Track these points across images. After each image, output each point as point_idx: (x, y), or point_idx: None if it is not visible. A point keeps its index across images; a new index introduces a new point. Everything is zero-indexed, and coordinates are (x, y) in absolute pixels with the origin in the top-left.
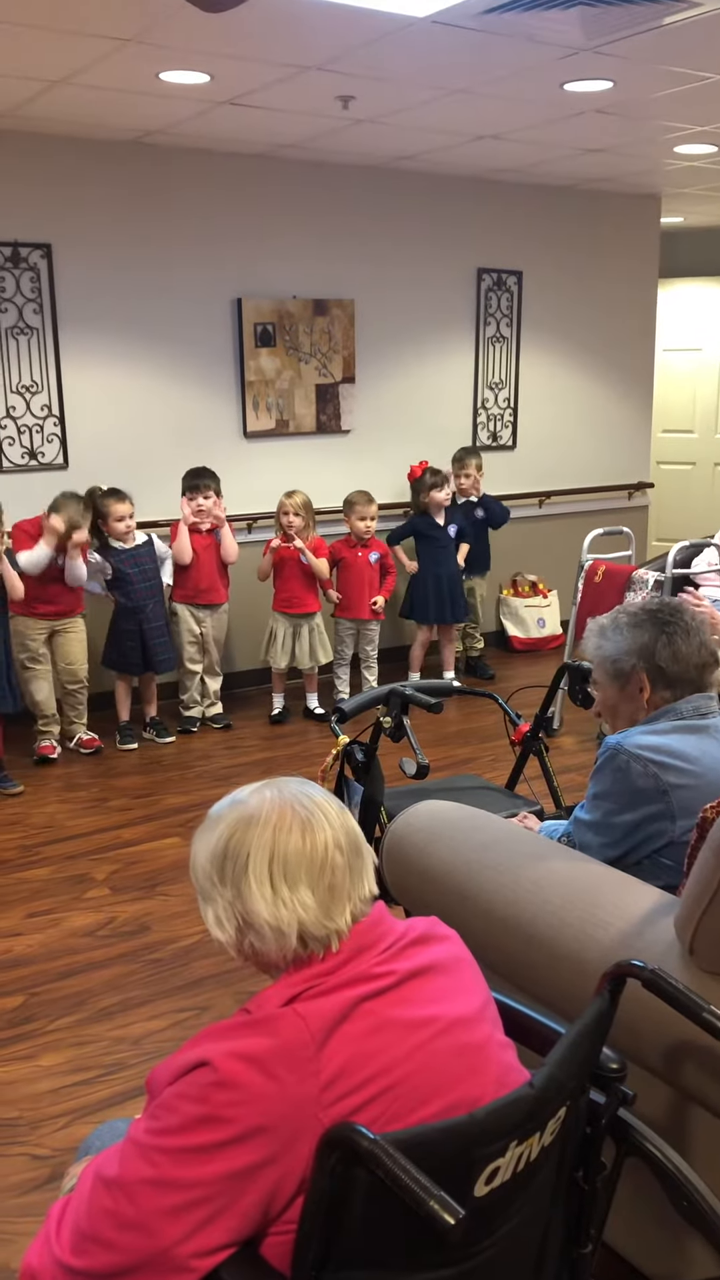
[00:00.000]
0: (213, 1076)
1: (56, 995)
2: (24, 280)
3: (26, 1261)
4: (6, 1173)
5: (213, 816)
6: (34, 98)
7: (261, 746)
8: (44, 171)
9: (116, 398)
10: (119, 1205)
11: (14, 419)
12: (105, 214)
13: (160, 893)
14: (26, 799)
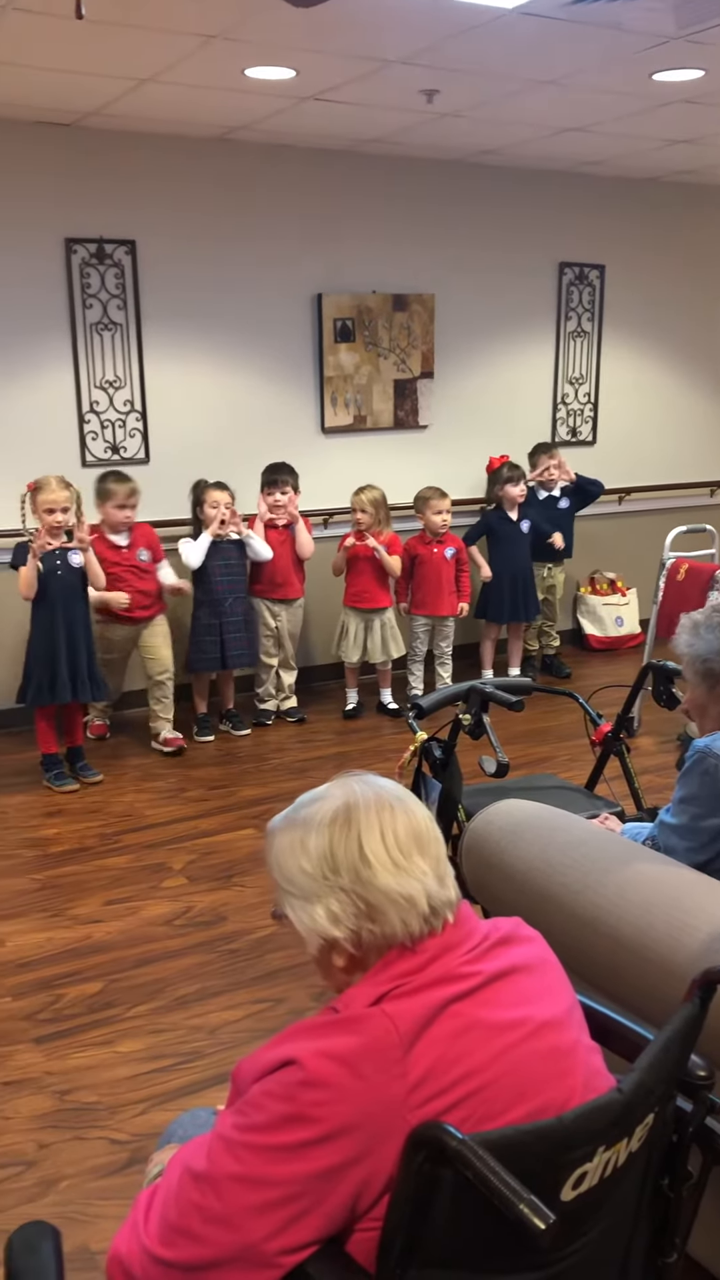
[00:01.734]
0: (300, 1075)
1: (134, 983)
2: (109, 276)
3: (115, 1248)
4: (86, 1156)
5: (297, 819)
6: (122, 95)
7: (335, 741)
8: (129, 168)
9: (197, 393)
10: (207, 1200)
11: (98, 414)
12: (188, 210)
13: (236, 883)
14: (106, 788)
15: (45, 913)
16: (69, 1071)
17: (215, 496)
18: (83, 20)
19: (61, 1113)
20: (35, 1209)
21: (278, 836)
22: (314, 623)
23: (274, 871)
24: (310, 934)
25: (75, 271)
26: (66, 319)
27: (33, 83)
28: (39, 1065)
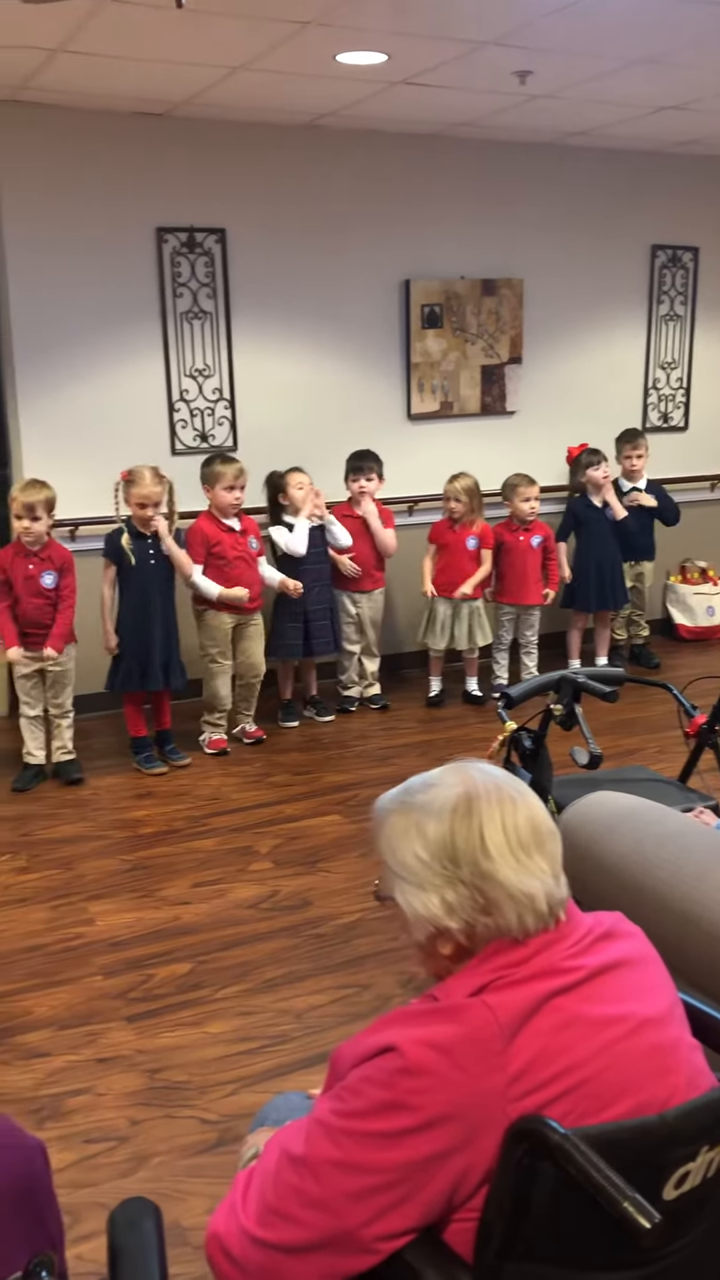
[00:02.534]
0: (400, 1063)
1: (222, 964)
2: (199, 265)
3: (213, 1226)
4: (177, 1134)
5: (413, 804)
6: (214, 84)
7: (419, 729)
8: (219, 157)
9: (284, 381)
10: (304, 1183)
11: (187, 402)
12: (277, 198)
13: (321, 869)
14: (193, 771)
15: (135, 893)
16: (159, 1050)
17: (299, 479)
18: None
19: (152, 1090)
20: (128, 1184)
21: (390, 819)
22: (398, 610)
23: (385, 855)
24: (420, 921)
25: (166, 260)
26: (157, 308)
27: (128, 74)
28: (130, 1043)
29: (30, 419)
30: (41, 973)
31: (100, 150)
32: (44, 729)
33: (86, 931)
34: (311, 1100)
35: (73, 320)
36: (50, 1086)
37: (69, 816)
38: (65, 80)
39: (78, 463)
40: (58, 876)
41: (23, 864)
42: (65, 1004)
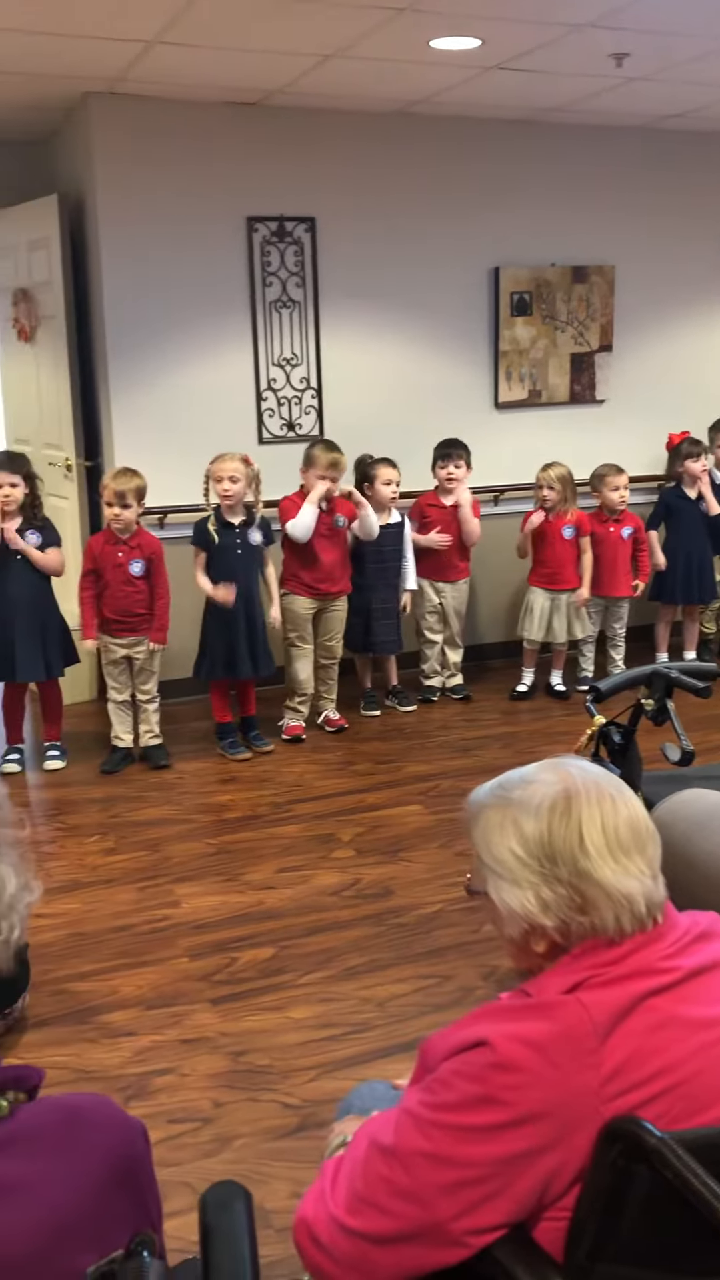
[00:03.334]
0: (492, 1057)
1: (305, 950)
2: (288, 254)
3: (301, 1212)
4: (259, 1117)
5: (510, 799)
6: (306, 73)
7: (501, 720)
8: (310, 146)
9: (371, 369)
10: (394, 1173)
11: (274, 391)
12: (367, 186)
13: (403, 858)
14: (276, 758)
15: (220, 877)
16: (242, 1033)
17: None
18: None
19: (235, 1073)
20: (212, 1164)
21: (485, 813)
22: (482, 600)
23: (479, 848)
24: (514, 917)
25: (256, 250)
26: (247, 297)
27: (222, 64)
28: (214, 1025)
29: (121, 409)
30: (129, 952)
31: (193, 141)
32: (131, 713)
33: (173, 913)
34: (396, 1090)
35: (164, 311)
36: (136, 1066)
37: (155, 799)
38: (161, 71)
39: (167, 452)
40: (145, 858)
41: (111, 845)
42: (151, 984)
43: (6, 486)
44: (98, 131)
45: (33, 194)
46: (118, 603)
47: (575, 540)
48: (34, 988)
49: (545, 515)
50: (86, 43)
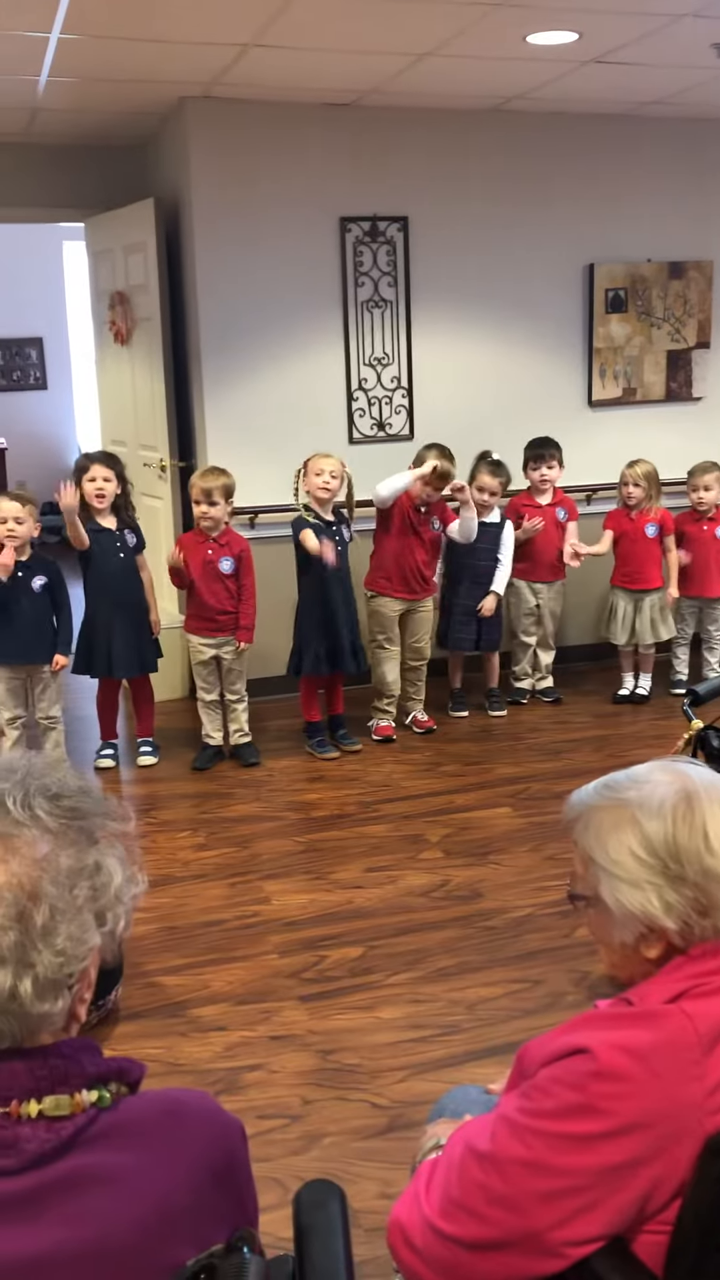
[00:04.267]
0: (592, 1065)
1: (394, 950)
2: (381, 254)
3: (396, 1214)
4: (348, 1116)
5: (625, 800)
6: (401, 72)
7: (592, 724)
8: (403, 145)
9: (461, 368)
10: (490, 1179)
11: (365, 391)
12: (460, 184)
13: (492, 861)
14: (364, 757)
15: (309, 875)
16: (331, 1032)
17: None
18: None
19: (324, 1071)
20: (300, 1161)
21: (596, 815)
22: (575, 601)
23: (592, 851)
24: (631, 920)
25: (349, 250)
26: (339, 297)
27: (317, 65)
28: (303, 1023)
29: (214, 410)
30: (219, 948)
31: (286, 142)
32: (221, 712)
33: (262, 910)
34: (490, 1095)
35: (256, 312)
36: (227, 1060)
37: (245, 796)
38: (255, 74)
39: (257, 451)
40: (235, 854)
41: (201, 841)
42: (241, 980)
43: (100, 480)
44: (193, 135)
45: (130, 199)
46: (206, 601)
47: (659, 539)
48: (126, 980)
49: (628, 512)
50: (184, 48)
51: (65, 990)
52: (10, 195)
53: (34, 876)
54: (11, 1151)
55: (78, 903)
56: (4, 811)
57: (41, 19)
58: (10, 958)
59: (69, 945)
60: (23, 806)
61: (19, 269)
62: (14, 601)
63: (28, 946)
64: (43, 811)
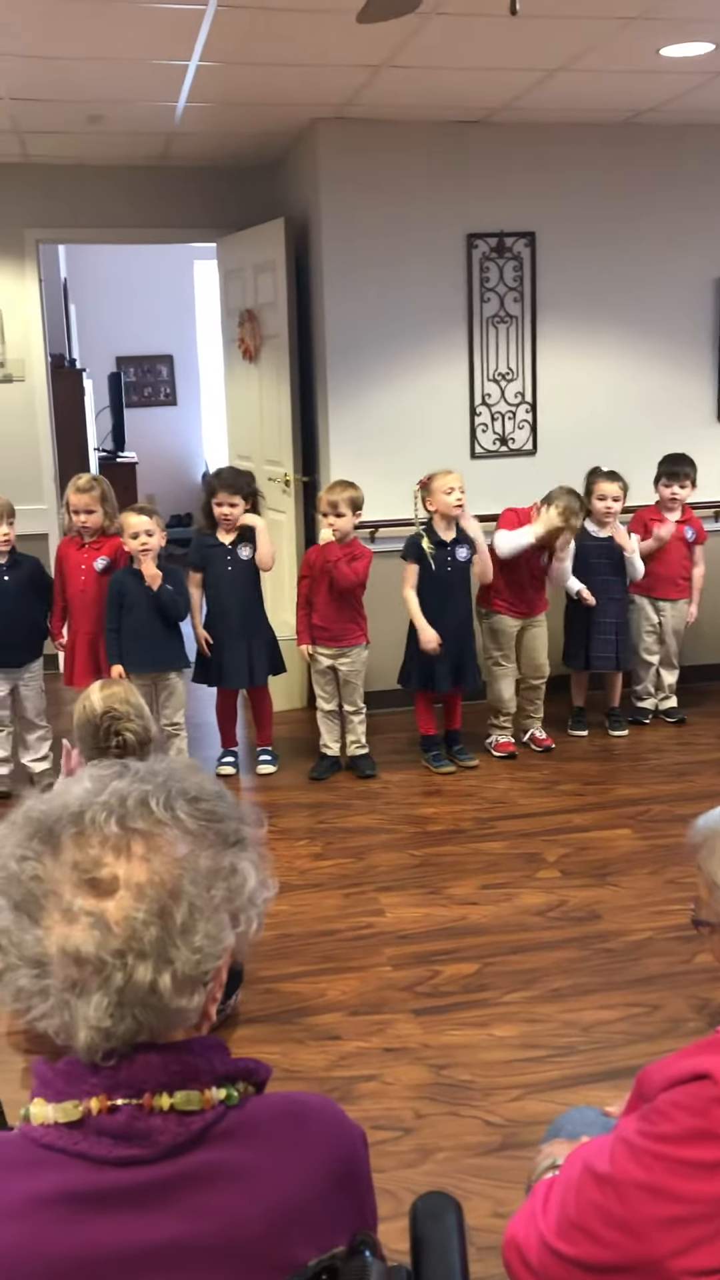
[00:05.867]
0: (715, 1091)
1: (509, 969)
2: (507, 269)
3: (511, 1232)
4: (461, 1132)
5: None
6: (532, 88)
7: (717, 745)
8: (531, 160)
9: (587, 383)
10: (608, 1201)
11: (488, 406)
12: (588, 198)
13: (611, 882)
14: (480, 773)
15: (424, 889)
16: (444, 1047)
17: (606, 489)
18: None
19: (437, 1086)
20: (413, 1175)
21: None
22: (700, 619)
23: (719, 877)
24: None
25: (475, 266)
26: (464, 313)
27: (448, 84)
28: (416, 1037)
29: (338, 425)
30: (334, 957)
31: (414, 161)
32: (338, 723)
33: (376, 922)
34: (607, 1118)
35: (382, 328)
36: (341, 1069)
37: (361, 808)
38: (386, 95)
39: (379, 466)
40: (350, 865)
41: (318, 850)
42: (355, 990)
43: (226, 506)
44: (323, 156)
45: (260, 219)
46: (328, 612)
47: None
48: (245, 985)
49: None
50: (318, 71)
51: (201, 987)
52: (147, 217)
53: (175, 875)
54: (145, 1142)
55: (215, 902)
56: (147, 811)
57: (182, 48)
58: (151, 952)
59: (206, 943)
60: (165, 807)
61: (152, 289)
62: (141, 611)
63: (167, 942)
64: (183, 813)
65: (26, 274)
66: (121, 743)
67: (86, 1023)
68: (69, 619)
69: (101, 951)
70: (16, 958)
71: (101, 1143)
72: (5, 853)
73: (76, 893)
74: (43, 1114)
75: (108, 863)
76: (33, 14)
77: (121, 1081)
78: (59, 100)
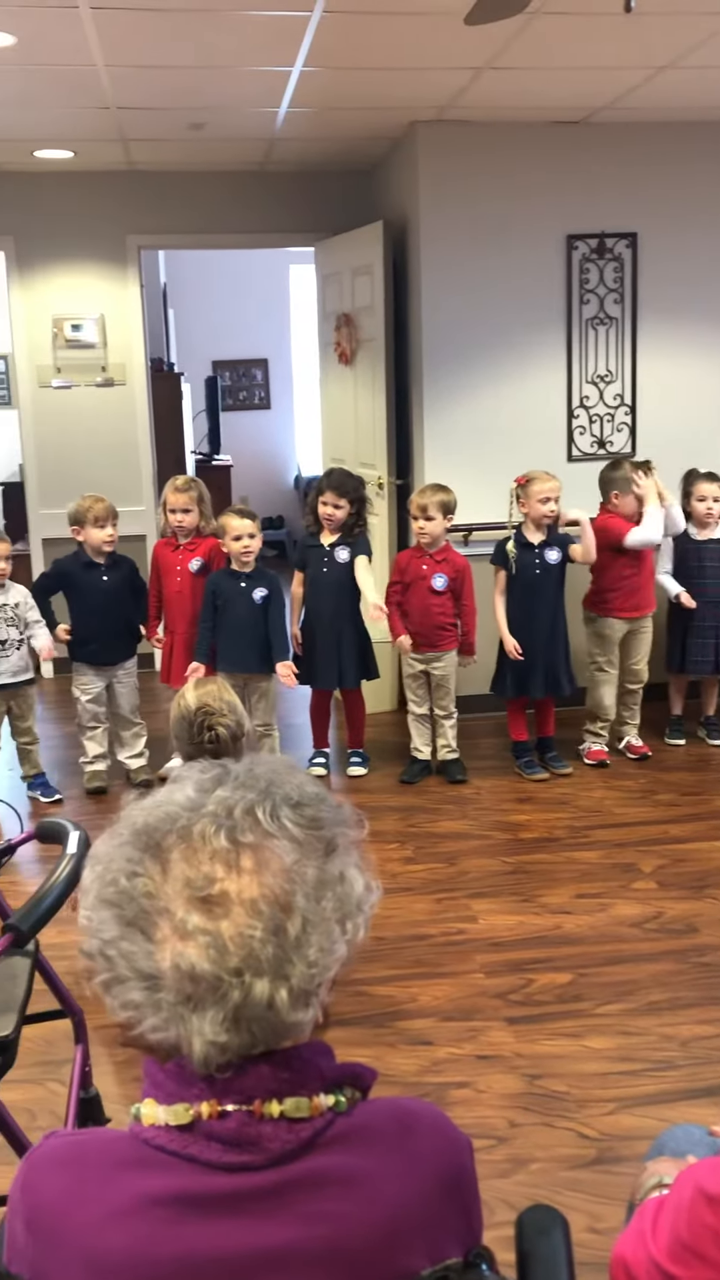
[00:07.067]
0: None
1: (604, 980)
2: (608, 271)
3: (620, 1252)
4: (555, 1144)
5: None
6: (637, 87)
7: None
8: (634, 160)
9: (689, 385)
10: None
11: (587, 408)
12: (693, 198)
13: (709, 895)
14: (574, 781)
15: (516, 897)
16: (538, 1056)
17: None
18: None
19: (531, 1096)
20: (506, 1185)
21: None
22: None
23: None
24: None
25: (575, 268)
26: (563, 315)
27: (551, 84)
28: (509, 1045)
29: (433, 428)
30: (426, 962)
31: (514, 162)
32: (430, 727)
33: (469, 928)
34: (714, 1137)
35: (479, 330)
36: (433, 1075)
37: (451, 813)
38: (488, 96)
39: (473, 469)
40: (441, 870)
41: (409, 854)
42: (448, 996)
43: (331, 506)
44: (422, 158)
45: (358, 222)
46: (420, 616)
47: None
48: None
49: None
50: (420, 74)
51: (314, 999)
52: (247, 222)
53: (287, 889)
54: (255, 1148)
55: (325, 913)
56: (254, 822)
57: (286, 55)
58: (268, 969)
59: (320, 956)
60: (271, 817)
61: (248, 293)
62: (236, 612)
63: (283, 959)
64: (289, 821)
65: (128, 280)
66: (215, 738)
67: (202, 1037)
68: (164, 619)
69: (218, 969)
70: (127, 970)
71: (211, 1147)
72: (115, 867)
73: (190, 909)
74: (153, 1115)
75: (219, 878)
76: (140, 24)
77: (232, 1087)
78: (163, 108)
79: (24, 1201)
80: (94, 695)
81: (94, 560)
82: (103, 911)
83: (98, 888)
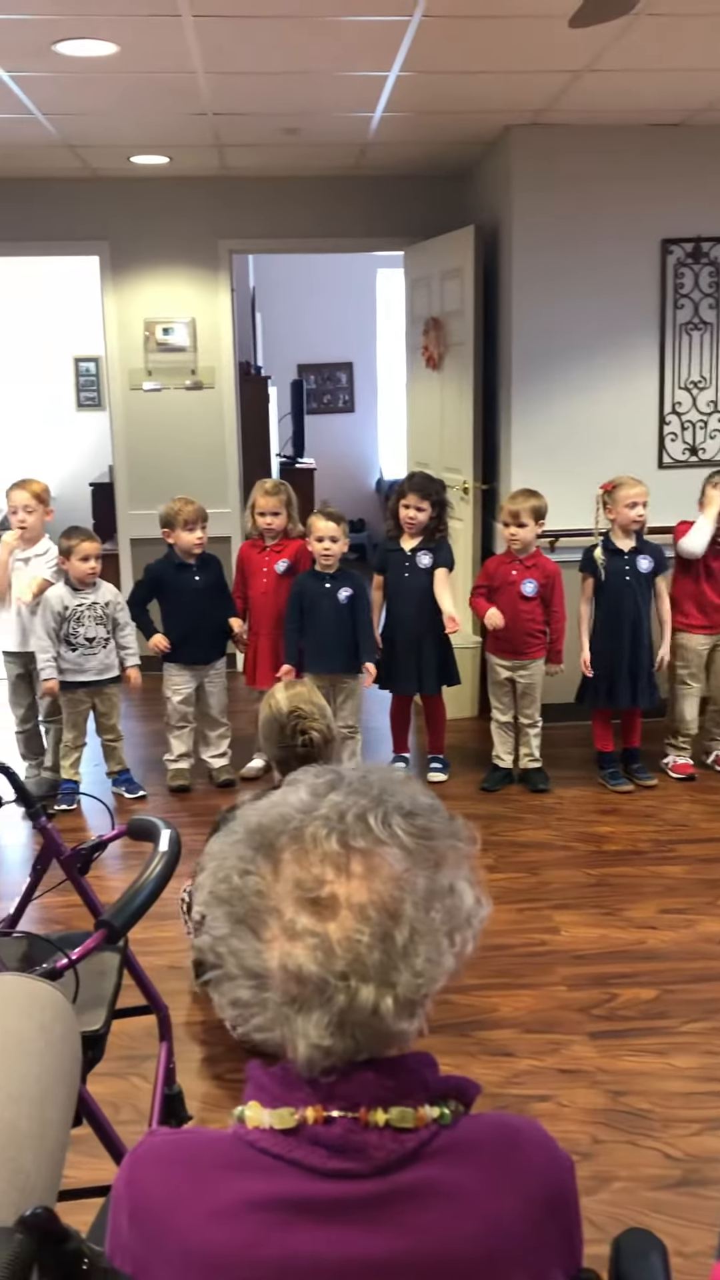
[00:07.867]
0: None
1: (690, 997)
2: (703, 275)
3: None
4: (639, 1163)
5: None
6: None
7: None
8: None
9: None
10: None
11: (679, 415)
12: None
13: None
14: (659, 793)
15: (599, 909)
16: (621, 1073)
17: None
18: None
19: (614, 1113)
20: (590, 1203)
21: None
22: None
23: None
24: None
25: (669, 272)
26: (656, 320)
27: (650, 86)
28: (592, 1060)
29: (521, 433)
30: (507, 973)
31: (609, 165)
32: (513, 735)
33: (551, 940)
34: None
35: (570, 335)
36: (515, 1087)
37: (534, 822)
38: (585, 100)
39: (560, 475)
40: (523, 880)
41: (490, 862)
42: (529, 1008)
43: (413, 509)
44: (516, 162)
45: (448, 227)
46: (509, 622)
47: None
48: None
49: None
50: (517, 77)
51: (420, 1009)
52: (338, 226)
53: (396, 897)
54: (360, 1156)
55: (434, 924)
56: (366, 829)
57: (383, 59)
58: (374, 976)
59: (427, 967)
60: (383, 824)
61: (335, 297)
62: (322, 613)
63: (389, 966)
64: (400, 829)
65: (219, 284)
66: (308, 741)
67: (306, 1039)
68: (249, 620)
69: (324, 972)
70: (235, 967)
71: (316, 1153)
72: (229, 865)
73: (299, 910)
74: (258, 1118)
75: (329, 880)
76: (240, 31)
77: (337, 1094)
78: (258, 113)
79: (129, 1197)
80: (185, 696)
81: (185, 561)
82: (215, 908)
83: (211, 884)
